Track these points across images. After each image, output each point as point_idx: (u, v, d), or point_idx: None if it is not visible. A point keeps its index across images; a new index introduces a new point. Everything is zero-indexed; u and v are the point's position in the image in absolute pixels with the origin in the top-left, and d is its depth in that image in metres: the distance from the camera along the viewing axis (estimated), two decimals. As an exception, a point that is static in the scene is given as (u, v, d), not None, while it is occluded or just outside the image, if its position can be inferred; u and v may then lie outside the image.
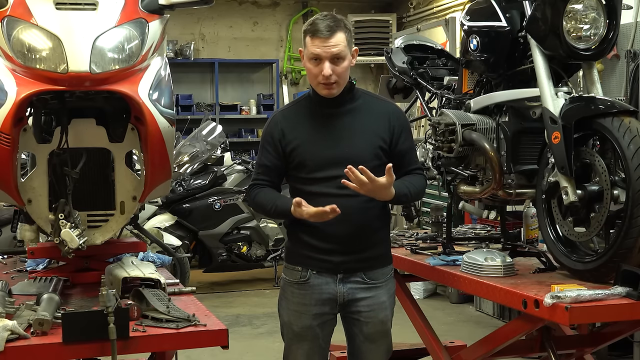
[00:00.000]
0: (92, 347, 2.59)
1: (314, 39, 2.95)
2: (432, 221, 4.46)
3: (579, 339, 3.96)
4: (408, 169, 3.11)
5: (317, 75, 2.97)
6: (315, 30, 2.95)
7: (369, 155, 3.01)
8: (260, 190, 3.11)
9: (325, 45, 2.93)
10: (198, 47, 10.37)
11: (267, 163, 3.11)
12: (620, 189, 3.01)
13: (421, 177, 3.16)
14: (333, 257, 3.02)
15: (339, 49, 2.94)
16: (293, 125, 3.07)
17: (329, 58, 2.94)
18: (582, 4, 3.23)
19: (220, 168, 7.83)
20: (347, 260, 3.03)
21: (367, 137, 3.03)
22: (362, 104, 3.08)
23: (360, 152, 3.00)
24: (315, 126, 3.06)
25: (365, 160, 2.96)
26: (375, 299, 3.07)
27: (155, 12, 3.07)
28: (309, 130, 3.05)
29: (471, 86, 3.87)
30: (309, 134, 3.05)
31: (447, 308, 7.11)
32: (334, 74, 2.95)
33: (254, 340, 6.08)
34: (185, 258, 7.07)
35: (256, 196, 3.11)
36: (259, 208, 3.17)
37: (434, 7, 9.34)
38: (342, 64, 2.97)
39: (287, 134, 3.05)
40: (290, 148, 3.04)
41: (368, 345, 3.11)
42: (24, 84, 2.83)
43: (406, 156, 3.11)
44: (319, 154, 3.01)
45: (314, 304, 3.05)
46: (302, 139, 3.04)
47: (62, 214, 2.92)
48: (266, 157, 3.11)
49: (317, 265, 3.04)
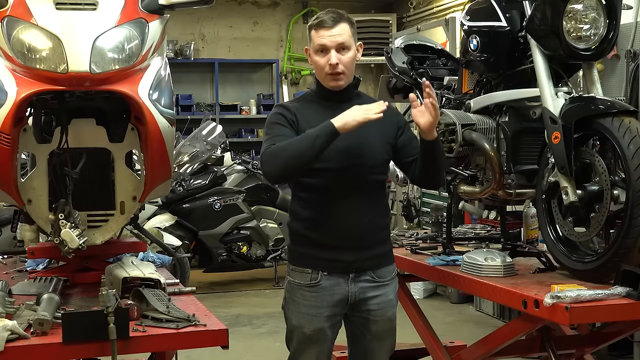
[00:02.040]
0: (92, 347, 2.59)
1: (319, 30, 2.98)
2: (432, 221, 4.47)
3: (579, 339, 3.97)
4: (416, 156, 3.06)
5: (324, 66, 2.98)
6: (320, 22, 2.98)
7: (379, 149, 3.02)
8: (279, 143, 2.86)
9: (330, 35, 2.95)
10: (198, 47, 10.37)
11: (284, 132, 2.91)
12: (620, 189, 3.01)
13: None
14: (344, 256, 2.99)
15: (343, 38, 2.96)
16: (303, 115, 3.01)
17: (334, 47, 2.95)
18: (582, 4, 3.23)
19: (220, 168, 7.82)
20: (358, 258, 3.00)
21: (375, 130, 3.00)
22: (366, 100, 3.07)
23: (371, 144, 2.99)
24: (325, 116, 2.93)
25: (376, 154, 2.99)
26: (384, 296, 3.07)
27: (155, 12, 3.07)
28: (319, 119, 2.92)
29: (471, 86, 3.87)
30: (319, 123, 2.91)
31: (447, 308, 7.11)
32: (341, 64, 2.96)
33: (254, 340, 6.08)
34: (185, 258, 7.07)
35: (276, 146, 2.84)
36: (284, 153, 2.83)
37: (434, 7, 9.34)
38: (348, 54, 2.98)
39: (299, 118, 3.00)
40: (302, 131, 2.93)
41: (376, 343, 3.10)
42: (24, 84, 2.83)
43: (413, 142, 3.08)
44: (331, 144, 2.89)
45: (326, 305, 3.02)
46: (313, 126, 2.91)
47: (62, 214, 2.92)
48: (280, 129, 2.93)
49: (327, 265, 3.01)
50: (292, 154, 2.83)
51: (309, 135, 2.83)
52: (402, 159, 3.12)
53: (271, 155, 2.87)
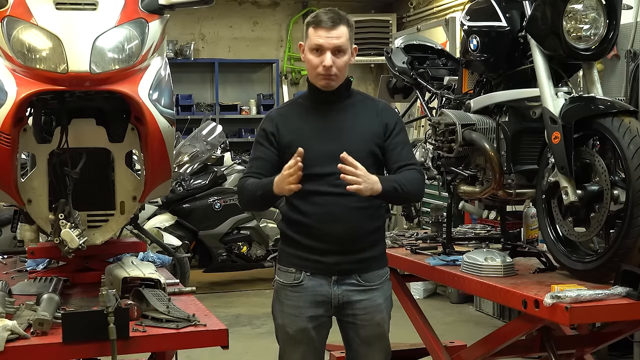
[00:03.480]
0: (92, 347, 2.59)
1: (317, 30, 2.95)
2: (432, 221, 4.46)
3: (579, 339, 3.96)
4: (401, 163, 3.02)
5: (317, 66, 2.95)
6: (318, 21, 2.95)
7: (365, 152, 2.97)
8: (249, 179, 3.00)
9: (328, 36, 2.93)
10: (198, 47, 10.36)
11: (261, 155, 3.03)
12: (620, 189, 3.01)
13: (414, 171, 3.01)
14: (327, 258, 2.98)
15: (341, 42, 2.94)
16: (288, 121, 3.03)
17: (331, 49, 2.93)
18: (582, 4, 3.23)
19: (220, 168, 7.82)
20: (341, 261, 2.99)
21: (363, 133, 3.00)
22: (357, 101, 3.07)
23: (356, 148, 2.94)
24: (310, 121, 3.02)
25: (362, 157, 2.92)
26: (371, 301, 3.03)
27: (155, 12, 3.07)
28: (305, 125, 3.02)
29: (471, 86, 3.87)
30: (304, 129, 3.01)
31: (447, 308, 7.11)
32: (334, 67, 2.94)
33: (254, 340, 6.07)
34: (185, 258, 7.07)
35: (243, 184, 3.01)
36: (244, 194, 3.02)
37: (434, 7, 9.34)
38: (343, 58, 2.96)
39: (281, 128, 3.01)
40: (285, 142, 2.99)
41: (365, 348, 3.07)
42: (24, 84, 2.83)
43: (397, 149, 3.03)
44: (314, 149, 2.94)
45: (308, 306, 3.01)
46: (297, 134, 2.99)
47: (62, 214, 2.92)
48: (259, 150, 3.04)
49: (310, 266, 3.00)
50: (246, 196, 3.03)
51: (258, 186, 2.96)
52: (385, 163, 3.06)
53: (239, 190, 3.08)
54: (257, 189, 2.95)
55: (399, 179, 2.97)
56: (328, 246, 2.97)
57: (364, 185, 2.80)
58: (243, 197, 3.06)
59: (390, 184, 2.92)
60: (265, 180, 2.95)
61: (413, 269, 3.94)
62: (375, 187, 2.84)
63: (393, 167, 3.03)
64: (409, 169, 3.01)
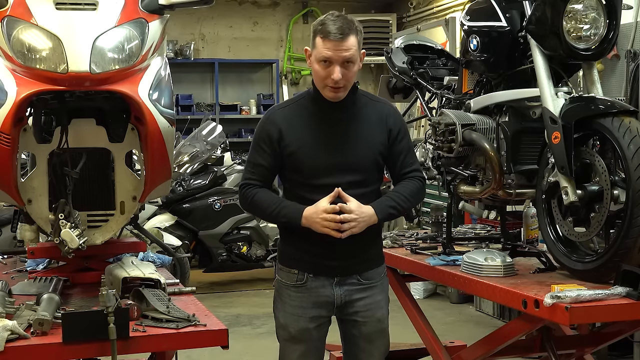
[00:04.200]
0: (92, 347, 2.59)
1: (325, 41, 2.84)
2: (432, 221, 4.46)
3: (579, 339, 3.96)
4: (404, 170, 3.04)
5: (325, 78, 2.88)
6: (327, 32, 2.84)
7: (368, 161, 2.97)
8: (259, 191, 2.98)
9: (337, 49, 2.83)
10: (198, 47, 10.36)
11: (264, 163, 2.98)
12: (620, 189, 3.01)
13: (416, 181, 3.03)
14: (328, 262, 2.99)
15: (350, 54, 2.85)
16: (292, 127, 2.97)
17: (340, 62, 2.85)
18: (582, 4, 3.23)
19: (220, 168, 7.83)
20: (343, 264, 2.99)
21: (367, 143, 2.97)
22: (362, 108, 3.01)
23: (359, 159, 2.94)
24: (315, 130, 2.96)
25: (365, 167, 2.94)
26: (371, 298, 3.05)
27: (155, 12, 3.07)
28: (309, 134, 2.96)
29: (471, 86, 3.86)
30: (309, 138, 2.95)
31: (447, 308, 7.11)
32: (343, 78, 2.87)
33: (254, 340, 6.07)
34: (185, 258, 7.07)
35: (254, 197, 2.98)
36: (257, 209, 3.03)
37: (434, 7, 9.34)
38: (352, 69, 2.89)
39: (285, 135, 2.95)
40: (289, 151, 2.95)
41: (366, 345, 3.08)
42: (24, 84, 2.83)
43: (401, 156, 3.03)
44: (319, 160, 2.93)
45: (311, 306, 3.02)
46: (302, 143, 2.94)
47: (62, 214, 2.92)
48: (262, 156, 2.98)
49: (313, 267, 3.00)
50: (257, 208, 3.02)
51: (278, 208, 2.94)
52: (388, 168, 3.08)
53: (244, 199, 3.04)
54: (277, 212, 2.95)
55: (397, 197, 2.99)
56: (326, 251, 2.97)
57: (359, 226, 2.87)
58: (253, 210, 3.08)
59: (387, 210, 2.95)
60: (286, 203, 2.95)
61: (413, 269, 3.94)
62: (371, 220, 2.91)
63: (396, 174, 3.06)
64: (411, 177, 3.04)
